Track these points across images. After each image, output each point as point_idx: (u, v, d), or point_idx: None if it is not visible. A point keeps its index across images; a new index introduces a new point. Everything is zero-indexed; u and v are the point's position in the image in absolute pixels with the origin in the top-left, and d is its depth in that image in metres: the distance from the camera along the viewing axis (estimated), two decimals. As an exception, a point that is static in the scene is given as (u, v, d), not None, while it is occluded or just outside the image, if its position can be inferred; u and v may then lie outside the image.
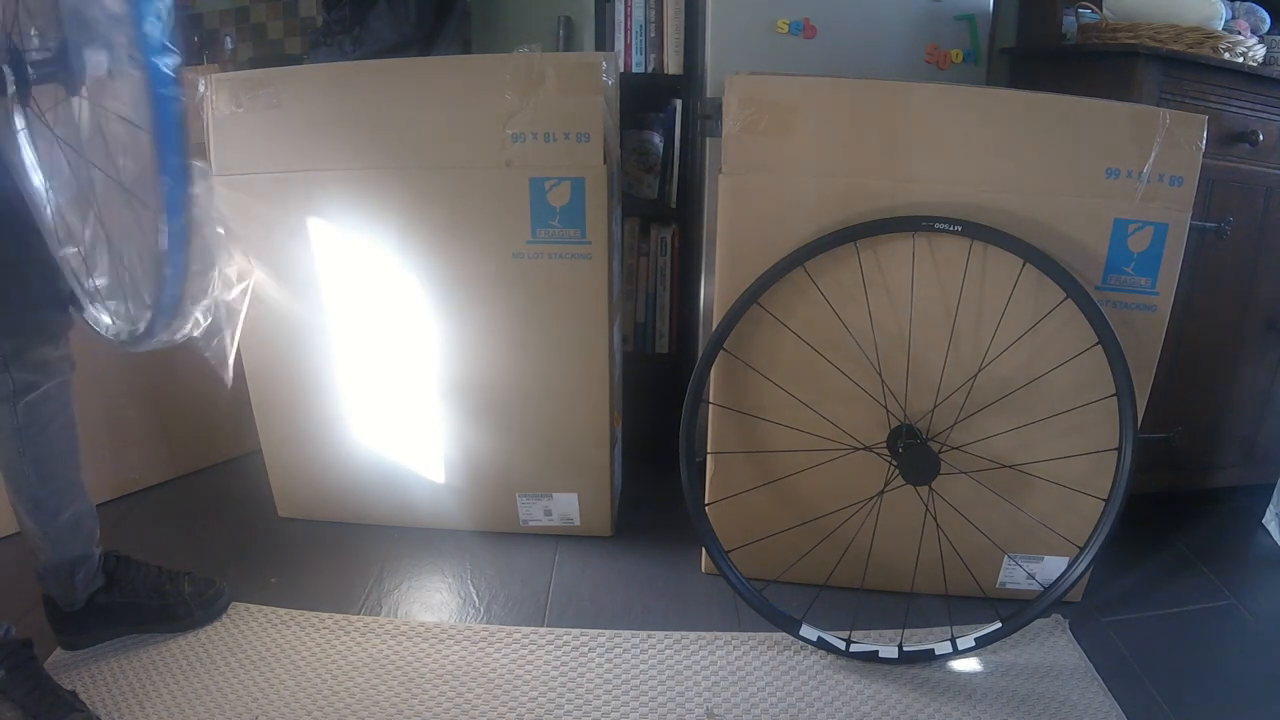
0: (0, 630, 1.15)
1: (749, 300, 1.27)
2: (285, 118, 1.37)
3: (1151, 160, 1.19)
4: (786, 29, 1.63)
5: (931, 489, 1.33)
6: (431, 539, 1.61)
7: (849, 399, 1.33)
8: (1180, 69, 1.45)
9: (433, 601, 1.46)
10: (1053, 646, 1.36)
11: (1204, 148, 1.19)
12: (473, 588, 1.49)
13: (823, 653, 1.32)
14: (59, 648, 1.30)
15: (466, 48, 2.14)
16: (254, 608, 1.41)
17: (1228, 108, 1.48)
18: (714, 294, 1.33)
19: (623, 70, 1.77)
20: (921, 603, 1.41)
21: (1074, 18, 1.73)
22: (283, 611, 1.40)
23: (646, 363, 1.99)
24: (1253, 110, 1.49)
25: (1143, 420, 1.28)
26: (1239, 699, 1.29)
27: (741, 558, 1.35)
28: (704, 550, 1.50)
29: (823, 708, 1.23)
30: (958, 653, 1.30)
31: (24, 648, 1.16)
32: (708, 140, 1.67)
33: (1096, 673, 1.30)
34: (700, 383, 1.31)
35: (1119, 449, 1.25)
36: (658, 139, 1.89)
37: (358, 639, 1.35)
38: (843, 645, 1.31)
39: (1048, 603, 1.29)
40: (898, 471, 1.31)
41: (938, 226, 1.21)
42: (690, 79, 1.77)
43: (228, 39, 2.29)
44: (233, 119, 1.38)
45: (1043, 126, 1.21)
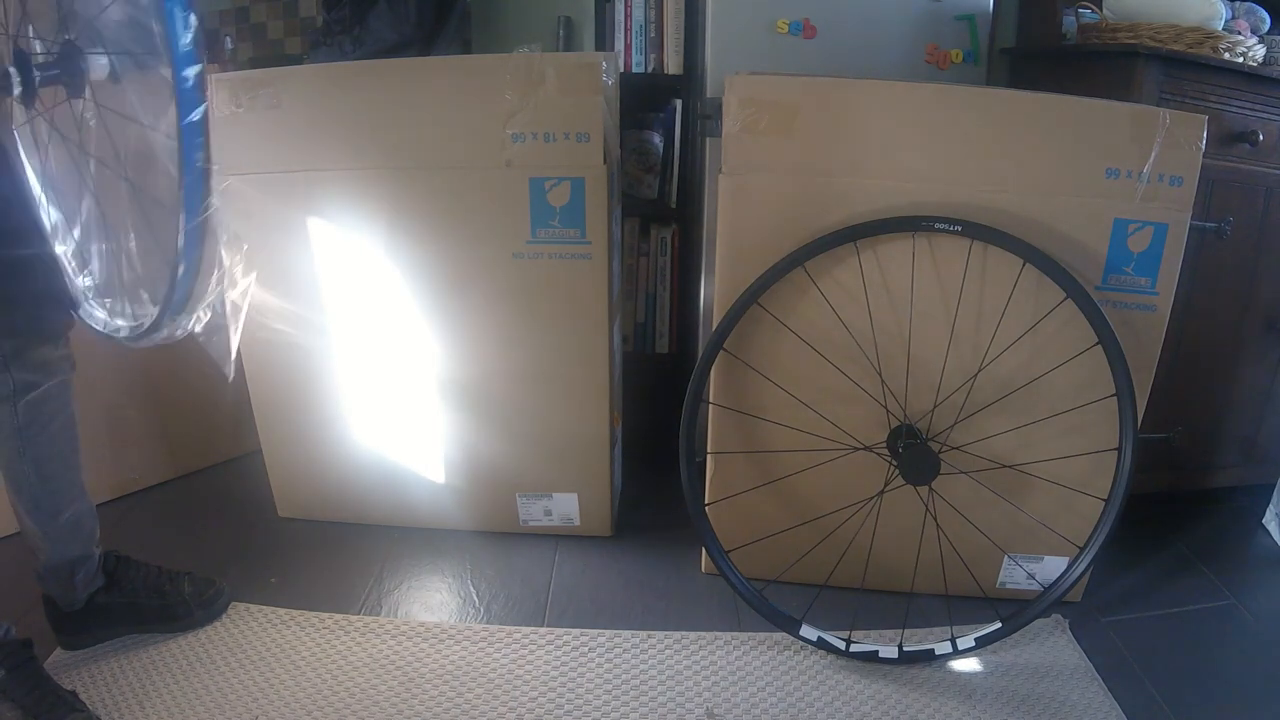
0: (0, 630, 1.15)
1: (749, 300, 1.27)
2: (285, 118, 1.37)
3: (1151, 160, 1.19)
4: (786, 29, 1.63)
5: (931, 489, 1.33)
6: (431, 539, 1.62)
7: (849, 399, 1.33)
8: (1180, 69, 1.45)
9: (433, 601, 1.46)
10: (1053, 646, 1.36)
11: (1204, 148, 1.19)
12: (473, 588, 1.49)
13: (823, 653, 1.32)
14: (59, 648, 1.30)
15: (466, 48, 2.13)
16: (254, 608, 1.41)
17: (1228, 108, 1.48)
18: (714, 294, 1.33)
19: (623, 70, 1.77)
20: (921, 603, 1.41)
21: (1074, 18, 1.73)
22: (283, 611, 1.40)
23: (646, 363, 1.99)
24: (1253, 110, 1.49)
25: (1143, 420, 1.28)
26: (1239, 699, 1.29)
27: (741, 558, 1.35)
28: (704, 550, 1.50)
29: (823, 708, 1.23)
30: (958, 653, 1.30)
31: (24, 648, 1.16)
32: (708, 140, 1.67)
33: (1096, 673, 1.30)
34: (700, 383, 1.31)
35: (1119, 449, 1.25)
36: (658, 139, 1.89)
37: (358, 639, 1.35)
38: (843, 645, 1.31)
39: (1048, 603, 1.29)
40: (898, 471, 1.31)
41: (938, 226, 1.22)
42: (690, 79, 1.77)
43: (228, 39, 2.28)
44: (233, 119, 1.38)
45: (1043, 126, 1.21)
